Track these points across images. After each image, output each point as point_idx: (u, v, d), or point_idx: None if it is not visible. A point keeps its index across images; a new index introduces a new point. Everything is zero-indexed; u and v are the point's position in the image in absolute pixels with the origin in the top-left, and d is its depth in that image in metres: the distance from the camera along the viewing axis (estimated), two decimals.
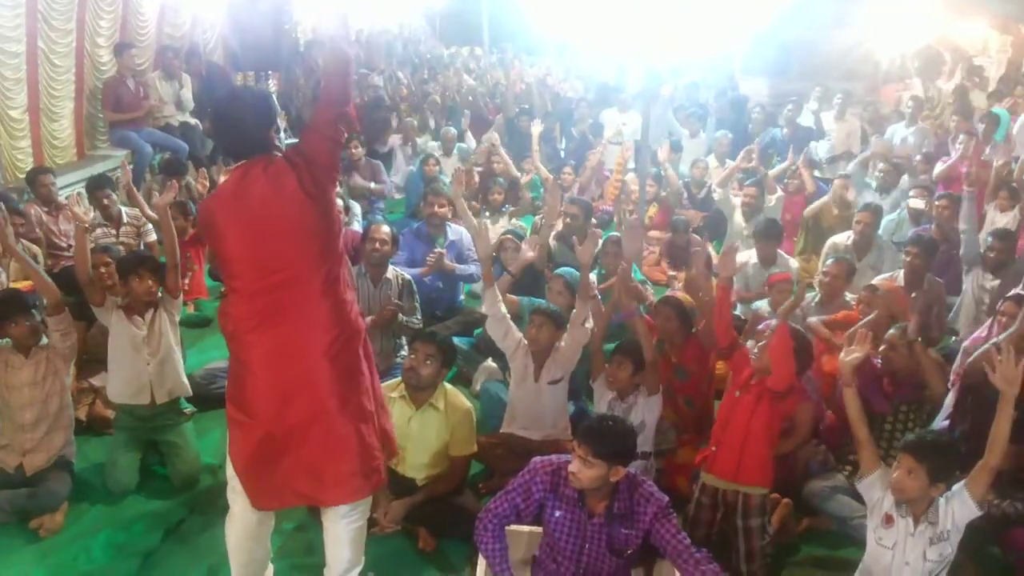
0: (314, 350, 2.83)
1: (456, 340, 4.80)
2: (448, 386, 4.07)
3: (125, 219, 6.55)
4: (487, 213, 7.50)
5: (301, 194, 2.72)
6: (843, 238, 6.47)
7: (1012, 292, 4.62)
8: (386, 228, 5.42)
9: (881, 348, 4.27)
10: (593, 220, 6.78)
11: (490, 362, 5.24)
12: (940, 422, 4.31)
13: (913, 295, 4.76)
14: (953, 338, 5.52)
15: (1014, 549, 3.71)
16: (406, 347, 4.84)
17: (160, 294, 4.35)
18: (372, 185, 8.62)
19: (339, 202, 6.54)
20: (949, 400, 4.28)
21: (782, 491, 4.04)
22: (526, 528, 3.35)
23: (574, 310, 4.44)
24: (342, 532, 3.12)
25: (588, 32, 12.75)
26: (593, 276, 5.85)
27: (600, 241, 5.73)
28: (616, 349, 4.22)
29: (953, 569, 3.20)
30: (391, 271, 5.36)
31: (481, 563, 3.20)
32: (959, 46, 15.78)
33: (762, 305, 5.50)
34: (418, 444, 3.93)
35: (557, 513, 3.10)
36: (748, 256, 6.29)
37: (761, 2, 10.65)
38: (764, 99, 12.09)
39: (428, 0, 19.30)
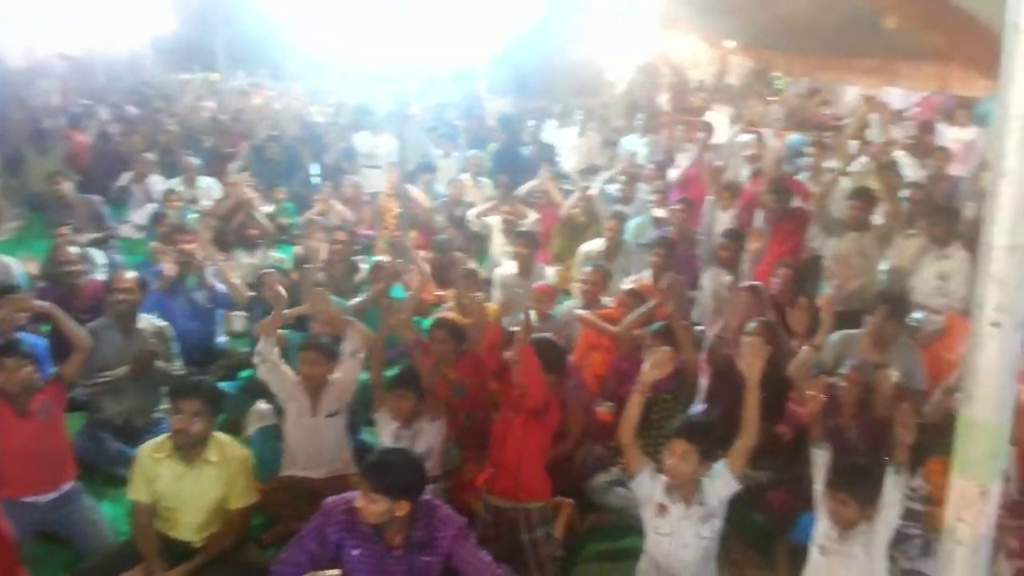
0: None
1: (222, 385, 4.54)
2: (220, 436, 3.81)
3: None
4: (241, 248, 7.15)
5: None
6: (594, 245, 6.88)
7: (745, 284, 5.13)
8: (131, 275, 5.03)
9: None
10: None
11: (261, 404, 4.99)
12: (697, 406, 4.70)
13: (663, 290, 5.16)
14: (698, 327, 6.01)
15: (770, 511, 4.13)
16: (166, 399, 4.49)
17: None
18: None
19: (73, 250, 5.98)
20: (703, 385, 4.66)
21: (564, 492, 4.18)
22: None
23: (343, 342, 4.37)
24: None
25: (334, 54, 12.63)
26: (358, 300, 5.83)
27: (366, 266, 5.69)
28: (397, 381, 4.18)
29: (722, 541, 3.49)
30: (143, 320, 4.96)
31: None
32: (676, 61, 17.41)
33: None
34: (193, 503, 3.65)
35: (355, 552, 3.01)
36: (508, 268, 6.51)
37: (500, 25, 11.08)
38: (508, 116, 12.56)
39: (156, 24, 18.11)
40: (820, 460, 3.45)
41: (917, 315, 4.90)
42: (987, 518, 1.62)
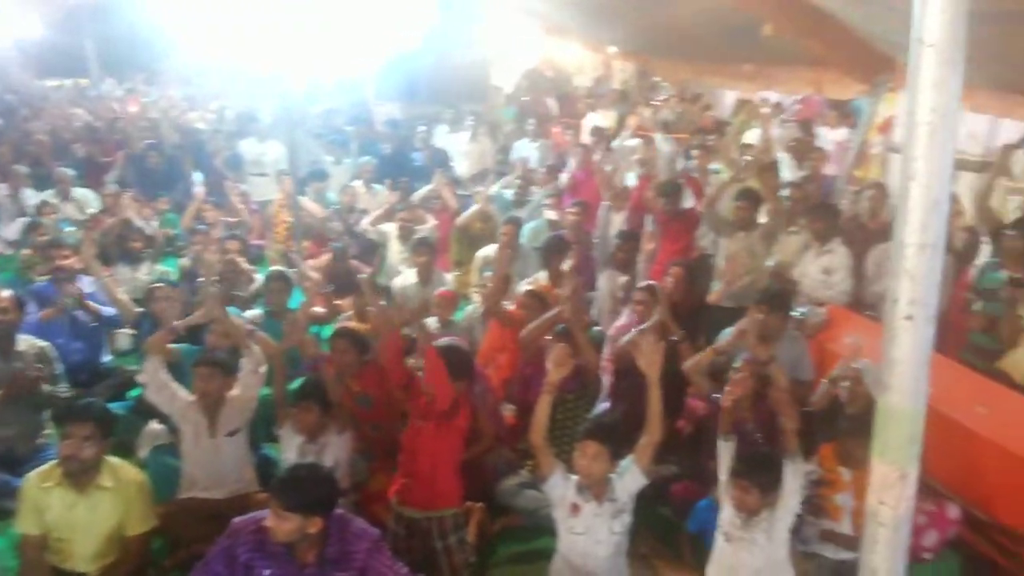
0: None
1: (110, 406, 4.31)
2: (113, 460, 3.62)
3: None
4: (125, 262, 6.82)
5: None
6: (491, 250, 6.90)
7: (642, 283, 5.26)
8: (6, 293, 4.71)
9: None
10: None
11: (154, 425, 4.77)
12: (601, 405, 4.79)
13: (561, 292, 5.24)
14: (596, 327, 6.14)
15: (675, 503, 4.25)
16: (51, 424, 4.25)
17: None
18: None
19: None
20: (606, 384, 4.76)
21: (473, 496, 4.18)
22: None
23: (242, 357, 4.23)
24: None
25: (214, 59, 12.17)
26: (258, 312, 5.66)
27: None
28: (300, 394, 4.08)
29: (631, 535, 3.56)
30: (23, 341, 4.67)
31: None
32: (561, 66, 17.71)
33: (431, 322, 5.67)
34: (87, 532, 3.45)
35: (266, 572, 2.92)
36: (408, 276, 6.47)
37: (387, 31, 10.98)
38: (398, 122, 12.49)
39: (20, 28, 17.00)
40: (726, 451, 3.56)
41: (802, 308, 5.14)
42: (907, 500, 1.71)
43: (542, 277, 6.05)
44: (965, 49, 1.59)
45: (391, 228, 7.51)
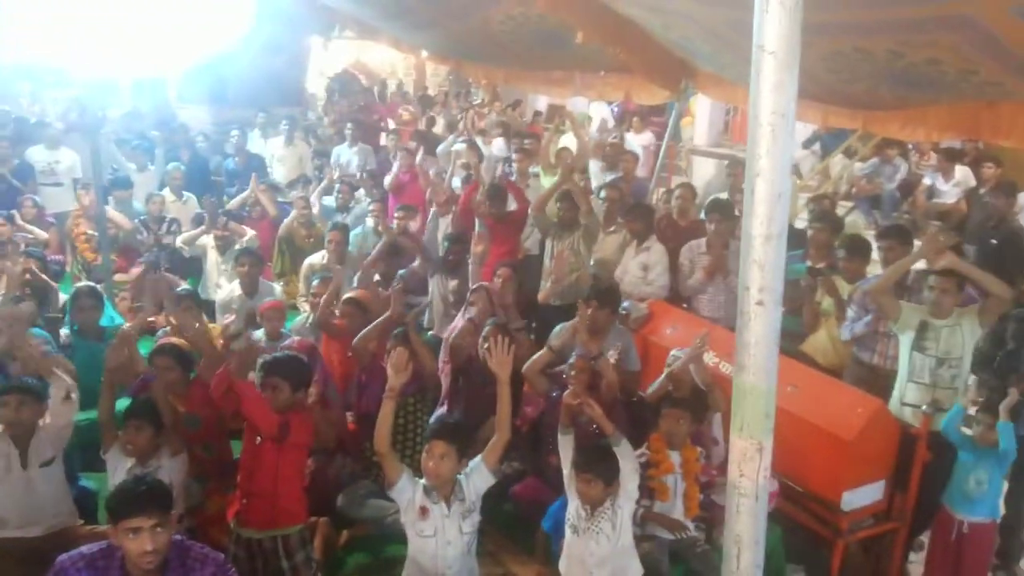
0: None
1: None
2: None
3: None
4: None
5: None
6: (318, 258, 6.78)
7: (475, 286, 5.36)
8: None
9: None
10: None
11: None
12: (439, 409, 4.83)
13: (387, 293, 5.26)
14: (430, 332, 6.17)
15: (520, 501, 4.37)
16: None
17: None
18: None
19: None
20: (444, 385, 4.81)
21: (317, 510, 4.11)
22: None
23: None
24: None
25: None
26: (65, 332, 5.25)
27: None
28: (131, 413, 3.83)
29: (479, 534, 3.63)
30: None
31: None
32: (372, 69, 17.60)
33: (259, 335, 5.48)
34: None
35: None
36: (231, 288, 6.23)
37: (191, 32, 10.45)
38: (206, 127, 11.92)
39: None
40: (566, 444, 3.70)
41: (625, 304, 5.42)
42: (764, 470, 1.87)
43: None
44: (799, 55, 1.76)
45: (207, 240, 7.17)
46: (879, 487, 4.23)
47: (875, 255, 5.19)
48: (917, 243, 5.02)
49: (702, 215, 6.21)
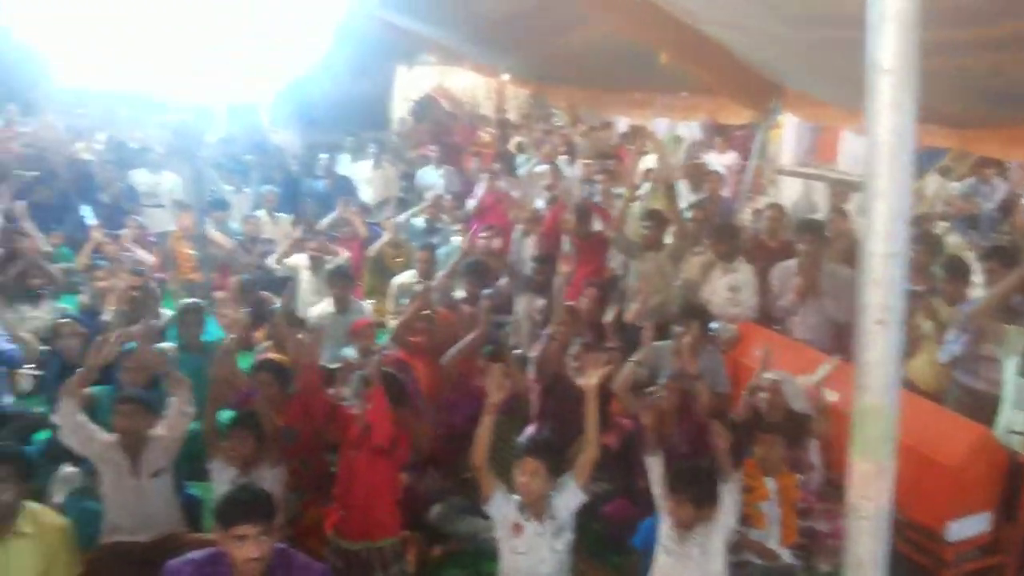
0: None
1: None
2: (33, 505, 3.45)
3: None
4: (26, 301, 6.44)
5: None
6: (406, 277, 6.92)
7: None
8: None
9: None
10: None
11: (67, 468, 4.54)
12: (529, 428, 4.86)
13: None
14: (517, 350, 6.21)
15: (609, 520, 4.36)
16: None
17: None
18: None
19: None
20: (534, 405, 4.84)
21: (409, 525, 4.17)
22: None
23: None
24: None
25: (98, 87, 11.71)
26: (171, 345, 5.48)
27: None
28: (235, 423, 4.00)
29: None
30: None
31: None
32: (454, 94, 17.89)
33: (349, 352, 5.63)
34: None
35: None
36: (324, 306, 6.40)
37: (281, 59, 10.88)
38: (297, 150, 12.34)
39: None
40: (655, 467, 3.66)
41: (715, 324, 5.38)
42: (886, 493, 1.85)
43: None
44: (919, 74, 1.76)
45: (301, 259, 7.40)
46: (985, 518, 4.07)
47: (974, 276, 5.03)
48: None
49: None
